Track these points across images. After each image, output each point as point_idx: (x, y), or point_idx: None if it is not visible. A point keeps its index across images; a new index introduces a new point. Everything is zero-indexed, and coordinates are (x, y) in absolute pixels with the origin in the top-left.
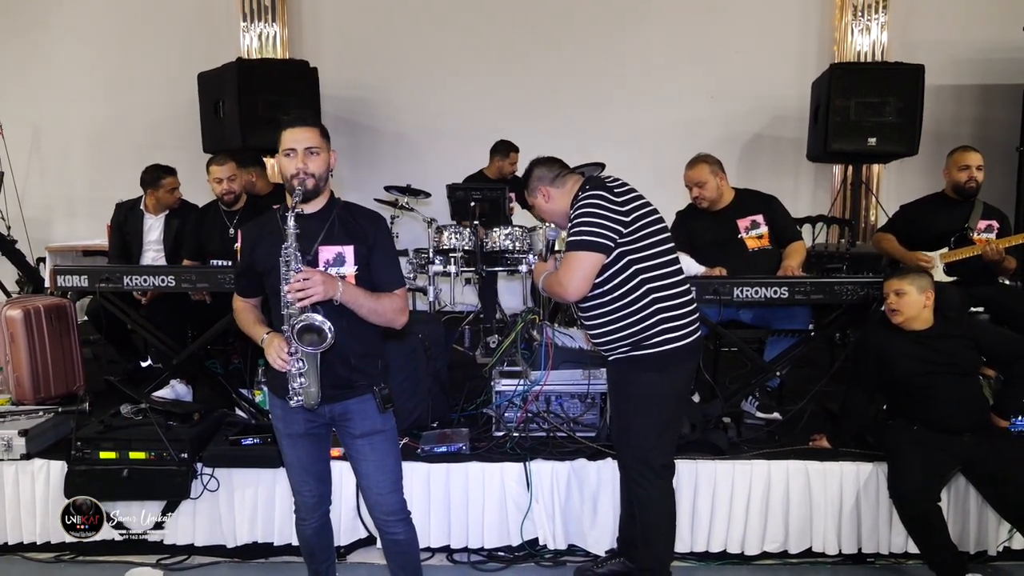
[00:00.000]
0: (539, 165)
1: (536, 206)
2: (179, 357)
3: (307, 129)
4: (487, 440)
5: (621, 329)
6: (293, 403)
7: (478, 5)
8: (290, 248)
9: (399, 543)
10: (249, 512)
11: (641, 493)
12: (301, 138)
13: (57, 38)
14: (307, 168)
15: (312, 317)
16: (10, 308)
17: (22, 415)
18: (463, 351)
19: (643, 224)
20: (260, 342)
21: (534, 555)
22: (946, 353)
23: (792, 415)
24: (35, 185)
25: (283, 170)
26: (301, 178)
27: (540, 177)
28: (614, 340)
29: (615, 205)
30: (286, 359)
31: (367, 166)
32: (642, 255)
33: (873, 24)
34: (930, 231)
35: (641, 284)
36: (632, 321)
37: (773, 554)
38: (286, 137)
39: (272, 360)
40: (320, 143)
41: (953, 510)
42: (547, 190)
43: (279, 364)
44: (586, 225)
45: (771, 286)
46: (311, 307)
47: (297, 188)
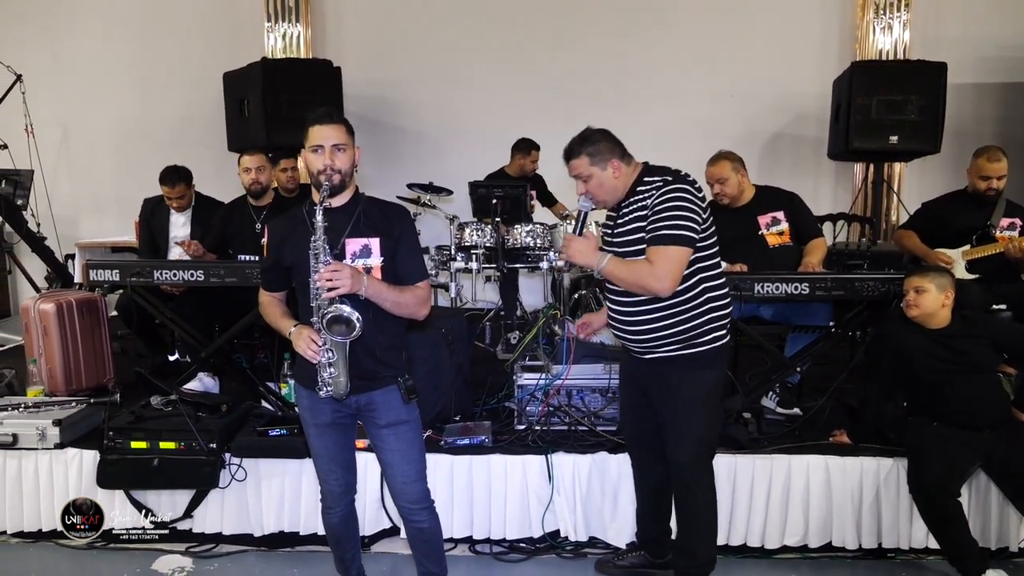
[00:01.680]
0: (606, 136)
1: (592, 176)
2: (207, 350)
3: (334, 126)
4: (509, 433)
5: (673, 327)
6: (323, 394)
7: (499, 5)
8: (319, 241)
9: (423, 531)
10: (276, 502)
11: (698, 492)
12: (329, 135)
13: (86, 40)
14: (334, 164)
15: (341, 308)
16: (43, 302)
17: (55, 405)
18: (484, 347)
19: (709, 223)
20: (287, 334)
21: (555, 547)
22: (962, 351)
23: (813, 411)
24: (64, 183)
25: (310, 165)
26: (328, 174)
27: (611, 149)
28: (663, 338)
29: (700, 201)
30: (316, 350)
31: (390, 164)
32: (703, 254)
33: (895, 22)
34: (952, 228)
35: (699, 283)
36: (686, 319)
37: (793, 548)
38: (314, 133)
39: (303, 351)
40: (346, 140)
41: (974, 506)
42: (619, 164)
43: (309, 355)
44: (681, 219)
45: (791, 282)
46: (339, 299)
47: (325, 183)
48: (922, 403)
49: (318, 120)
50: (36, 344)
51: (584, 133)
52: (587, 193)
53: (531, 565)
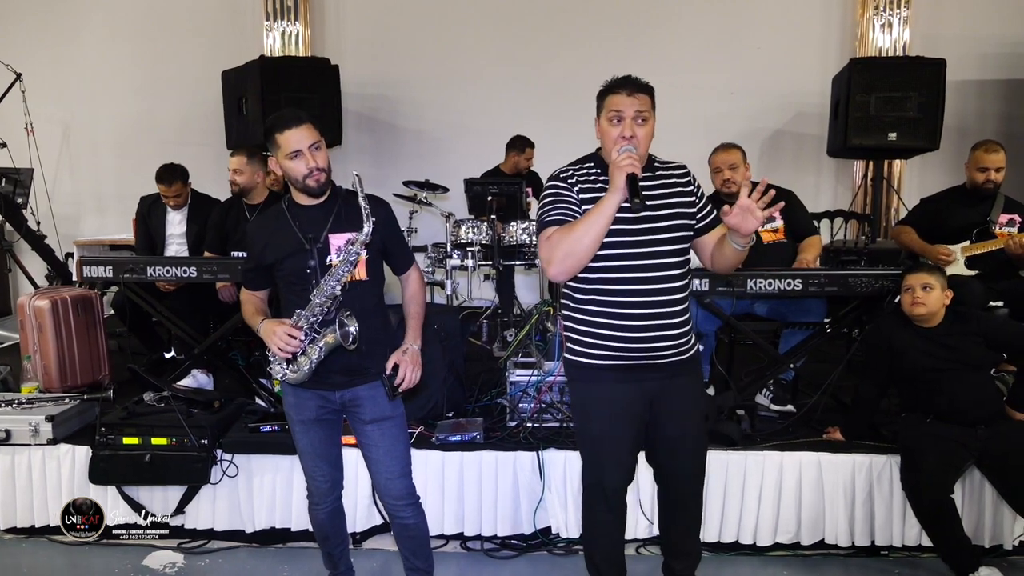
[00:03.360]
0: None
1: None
2: (201, 347)
3: (305, 127)
4: (501, 430)
5: (688, 317)
6: (279, 376)
7: (498, 3)
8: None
9: (408, 527)
10: (267, 498)
11: (700, 489)
12: (303, 137)
13: (87, 39)
14: (318, 164)
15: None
16: (38, 299)
17: (48, 401)
18: (480, 344)
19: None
20: (257, 330)
21: (547, 543)
22: (954, 348)
23: (807, 408)
24: (64, 182)
25: (292, 172)
26: (316, 176)
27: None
28: (688, 333)
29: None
30: (296, 345)
31: (387, 162)
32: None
33: (895, 19)
34: (950, 225)
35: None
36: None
37: (785, 545)
38: (286, 140)
39: (280, 345)
40: (318, 137)
41: (968, 503)
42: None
43: (287, 349)
44: None
45: (785, 278)
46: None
47: (316, 188)
48: (916, 400)
49: (286, 125)
50: (31, 341)
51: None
52: (634, 139)
53: (522, 562)
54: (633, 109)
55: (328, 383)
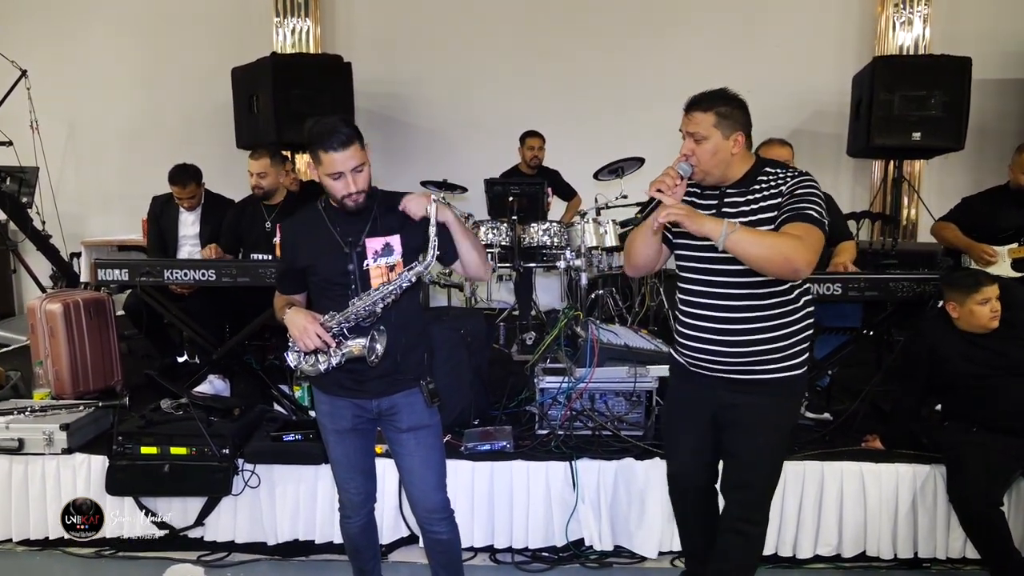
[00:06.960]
0: (743, 106)
1: (710, 138)
2: (219, 352)
3: (351, 150)
4: (531, 438)
5: (775, 340)
6: (293, 363)
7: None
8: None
9: (442, 542)
10: (290, 509)
11: (755, 533)
12: (346, 160)
13: (93, 35)
14: (359, 187)
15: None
16: (50, 302)
17: (62, 409)
18: (499, 348)
19: None
20: (282, 319)
21: (579, 556)
22: (1001, 354)
23: (845, 416)
24: (70, 180)
25: (330, 191)
26: (355, 199)
27: (744, 122)
28: (764, 353)
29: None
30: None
31: (401, 161)
32: None
33: (915, 17)
34: (994, 225)
35: (805, 292)
36: (787, 332)
37: (826, 558)
38: (331, 160)
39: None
40: (363, 157)
41: (1015, 515)
42: (743, 141)
43: (310, 345)
44: (821, 208)
45: (824, 282)
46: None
47: (352, 208)
48: (960, 408)
49: (331, 147)
50: (43, 345)
51: (722, 90)
52: (692, 156)
53: (554, 575)
54: (693, 127)
55: (366, 391)
